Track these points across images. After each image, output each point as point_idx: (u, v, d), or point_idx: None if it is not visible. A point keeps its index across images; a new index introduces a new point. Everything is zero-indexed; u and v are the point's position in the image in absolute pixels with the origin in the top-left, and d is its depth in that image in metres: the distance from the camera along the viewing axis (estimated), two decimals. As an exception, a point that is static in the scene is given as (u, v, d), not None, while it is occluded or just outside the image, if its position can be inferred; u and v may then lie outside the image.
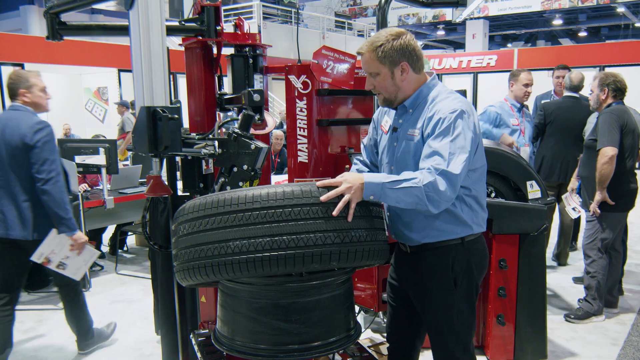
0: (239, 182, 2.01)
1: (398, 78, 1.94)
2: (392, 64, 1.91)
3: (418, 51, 1.95)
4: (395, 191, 1.77)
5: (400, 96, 1.99)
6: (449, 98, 1.93)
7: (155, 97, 2.17)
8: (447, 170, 1.78)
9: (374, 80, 1.97)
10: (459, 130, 1.83)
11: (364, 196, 1.75)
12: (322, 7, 20.55)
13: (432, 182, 1.76)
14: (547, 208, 3.14)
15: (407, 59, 1.92)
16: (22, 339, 3.81)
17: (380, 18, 3.74)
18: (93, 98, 12.57)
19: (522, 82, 4.31)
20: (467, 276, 2.03)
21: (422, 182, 1.76)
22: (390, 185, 1.77)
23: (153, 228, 2.67)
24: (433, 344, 2.13)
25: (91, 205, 4.87)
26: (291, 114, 2.60)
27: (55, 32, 2.50)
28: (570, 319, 3.83)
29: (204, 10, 2.48)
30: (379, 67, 1.93)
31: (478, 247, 2.06)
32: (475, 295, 2.08)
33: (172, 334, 2.63)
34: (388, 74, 1.94)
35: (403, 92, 1.97)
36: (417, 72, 1.97)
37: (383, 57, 1.90)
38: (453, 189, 1.80)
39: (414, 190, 1.76)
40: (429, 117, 1.90)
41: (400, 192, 1.77)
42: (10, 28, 15.93)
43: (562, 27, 21.97)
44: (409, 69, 1.94)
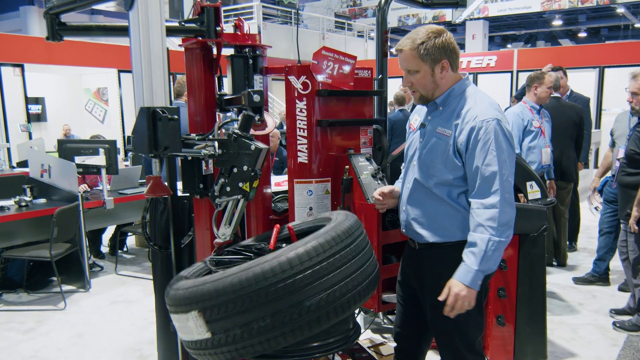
0: (239, 182, 2.01)
1: (438, 76, 1.95)
2: (433, 62, 1.92)
3: (457, 49, 1.97)
4: (489, 262, 1.86)
5: (437, 94, 2.00)
6: (484, 104, 1.93)
7: (155, 98, 2.17)
8: (498, 198, 1.83)
9: (413, 77, 1.97)
10: (499, 143, 1.85)
11: (477, 288, 1.88)
12: (322, 7, 20.55)
13: (499, 226, 1.83)
14: (547, 209, 3.14)
15: (448, 57, 1.93)
16: (22, 339, 3.81)
17: (380, 19, 3.73)
18: (93, 99, 12.56)
19: (548, 85, 4.32)
20: None
21: (496, 235, 1.83)
22: (483, 265, 1.85)
23: (153, 229, 2.67)
24: (440, 343, 2.13)
25: (91, 206, 4.88)
26: (291, 115, 2.60)
27: (55, 33, 2.50)
28: (617, 327, 3.70)
29: (203, 10, 2.47)
30: (420, 65, 1.93)
31: None
32: (484, 295, 2.09)
33: (172, 334, 2.63)
34: (428, 72, 1.94)
35: (440, 89, 1.99)
36: (454, 71, 1.98)
37: (425, 55, 1.91)
38: (511, 206, 1.87)
39: (498, 245, 1.84)
40: (462, 123, 1.91)
41: (493, 257, 1.86)
42: (10, 28, 15.93)
43: (561, 28, 21.99)
44: (449, 67, 1.94)
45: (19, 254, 4.43)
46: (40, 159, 5.01)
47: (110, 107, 12.14)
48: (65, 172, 4.68)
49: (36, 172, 4.95)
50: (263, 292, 1.57)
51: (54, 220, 4.21)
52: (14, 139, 9.51)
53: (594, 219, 4.98)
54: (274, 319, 1.59)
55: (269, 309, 1.58)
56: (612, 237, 4.45)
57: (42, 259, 4.37)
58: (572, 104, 5.10)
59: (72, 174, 4.64)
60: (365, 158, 2.67)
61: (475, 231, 1.86)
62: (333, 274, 1.64)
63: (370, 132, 2.82)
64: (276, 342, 1.61)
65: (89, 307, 4.41)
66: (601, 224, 4.50)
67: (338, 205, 2.66)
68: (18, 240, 4.57)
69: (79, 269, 4.77)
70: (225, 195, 2.05)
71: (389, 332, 3.59)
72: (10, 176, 5.81)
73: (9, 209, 4.48)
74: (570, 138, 4.88)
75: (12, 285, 4.77)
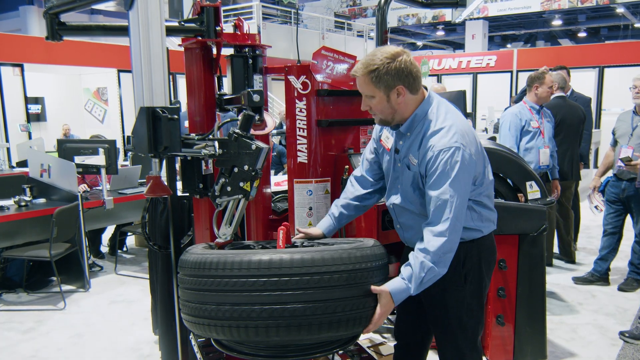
0: (240, 182, 2.01)
1: (394, 101, 1.88)
2: (387, 88, 1.86)
3: (415, 72, 1.87)
4: (420, 288, 1.85)
5: (397, 117, 1.94)
6: (443, 129, 1.86)
7: (155, 98, 2.17)
8: (447, 225, 1.82)
9: (370, 102, 1.93)
10: (454, 172, 1.82)
11: (396, 304, 1.85)
12: (322, 7, 20.54)
13: (437, 260, 1.83)
14: (546, 208, 3.14)
15: (403, 82, 1.86)
16: (22, 339, 3.81)
17: (380, 19, 3.73)
18: (92, 98, 12.56)
19: (548, 84, 4.32)
20: (477, 272, 2.05)
21: (433, 264, 1.83)
22: (416, 290, 1.85)
23: (152, 228, 2.67)
24: (441, 341, 2.13)
25: (91, 206, 4.88)
26: (291, 115, 2.60)
27: (55, 33, 2.50)
28: (625, 337, 3.59)
29: (203, 10, 2.47)
30: (374, 91, 1.88)
31: (487, 244, 2.08)
32: (485, 291, 2.10)
33: (171, 334, 2.63)
34: (384, 98, 1.88)
35: (400, 114, 1.93)
36: (414, 93, 1.91)
37: (378, 82, 1.85)
38: (457, 233, 1.86)
39: (433, 274, 1.84)
40: (423, 153, 1.88)
41: (425, 284, 1.85)
42: (10, 28, 15.92)
43: (561, 28, 21.97)
44: (405, 92, 1.88)
45: (18, 253, 4.42)
46: (40, 159, 5.00)
47: (110, 107, 12.14)
48: (65, 172, 4.68)
49: (36, 172, 4.95)
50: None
51: (54, 220, 4.20)
52: (14, 138, 9.50)
53: (594, 218, 4.99)
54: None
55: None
56: (616, 237, 4.46)
57: (42, 259, 4.37)
58: (576, 103, 5.12)
59: (71, 174, 4.64)
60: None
61: (418, 254, 1.85)
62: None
63: (370, 132, 2.82)
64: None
65: (88, 307, 4.41)
66: (605, 225, 4.50)
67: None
68: (18, 240, 4.57)
69: (79, 269, 4.77)
70: (225, 195, 2.05)
71: (388, 332, 3.59)
72: (10, 176, 5.80)
73: (8, 209, 4.48)
74: (578, 136, 4.91)
75: (11, 285, 4.76)
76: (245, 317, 1.65)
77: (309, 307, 1.64)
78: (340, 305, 1.68)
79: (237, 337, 1.71)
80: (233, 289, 1.66)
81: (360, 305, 1.74)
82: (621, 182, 4.30)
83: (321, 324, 1.66)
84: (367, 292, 1.76)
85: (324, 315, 1.66)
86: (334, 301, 1.67)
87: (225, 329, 1.70)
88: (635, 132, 4.24)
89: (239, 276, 1.65)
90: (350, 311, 1.71)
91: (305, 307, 1.64)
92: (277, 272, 1.64)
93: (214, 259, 1.72)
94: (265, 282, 1.63)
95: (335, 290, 1.67)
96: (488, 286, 2.11)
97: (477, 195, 1.98)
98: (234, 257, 1.69)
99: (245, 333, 1.67)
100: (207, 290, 1.72)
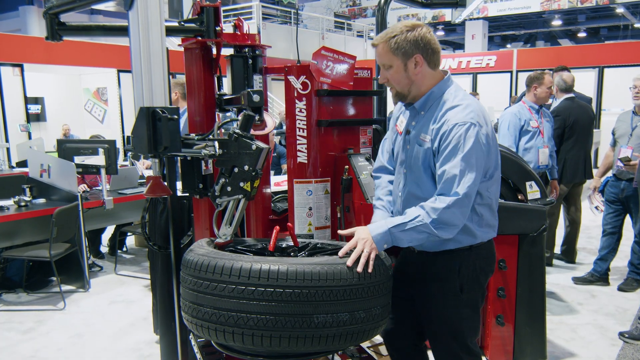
0: (240, 182, 2.01)
1: (411, 71, 1.89)
2: (404, 56, 1.86)
3: (434, 45, 1.89)
4: (404, 233, 1.80)
5: (413, 91, 1.94)
6: (460, 106, 1.86)
7: (155, 98, 2.17)
8: (454, 198, 1.77)
9: (387, 73, 1.92)
10: (467, 147, 1.78)
11: (379, 248, 1.80)
12: (322, 7, 20.55)
13: (438, 218, 1.78)
14: (546, 208, 3.14)
15: (421, 52, 1.86)
16: (22, 339, 3.81)
17: (380, 19, 3.74)
18: (92, 98, 12.56)
19: (547, 85, 4.31)
20: (474, 281, 2.01)
21: (429, 219, 1.78)
22: (397, 229, 1.80)
23: (152, 228, 2.67)
24: (436, 346, 2.11)
25: (90, 206, 4.87)
26: (290, 115, 2.60)
27: (55, 33, 2.50)
28: (625, 338, 3.57)
29: (203, 10, 2.47)
30: (392, 59, 1.88)
31: (485, 253, 2.03)
32: (482, 299, 2.07)
33: (171, 334, 2.63)
34: (401, 66, 1.88)
35: (417, 86, 1.92)
36: (432, 68, 1.91)
37: (396, 49, 1.86)
38: (462, 211, 1.81)
39: (421, 227, 1.79)
40: (437, 128, 1.86)
41: (410, 233, 1.80)
42: (10, 28, 15.92)
43: (561, 28, 21.99)
44: (423, 63, 1.88)
45: (18, 253, 4.42)
46: (40, 159, 5.00)
47: (110, 107, 12.14)
48: (65, 172, 4.68)
49: (36, 172, 4.95)
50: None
51: (54, 220, 4.20)
52: (14, 138, 9.51)
53: (594, 218, 4.99)
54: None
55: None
56: (615, 237, 4.46)
57: (42, 259, 4.37)
58: (585, 103, 5.12)
59: (71, 174, 4.64)
60: (365, 158, 2.66)
61: (417, 208, 1.83)
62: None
63: (370, 132, 2.82)
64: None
65: (88, 307, 4.41)
66: (604, 225, 4.50)
67: (338, 206, 2.66)
68: (17, 240, 4.57)
69: (79, 269, 4.77)
70: (226, 195, 2.05)
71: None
72: (10, 176, 5.80)
73: (8, 209, 4.48)
74: (590, 137, 4.90)
75: (11, 285, 4.76)
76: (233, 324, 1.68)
77: (290, 320, 1.66)
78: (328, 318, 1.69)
79: (224, 342, 1.75)
80: (222, 294, 1.70)
81: (349, 321, 1.72)
82: (620, 182, 4.30)
83: (306, 337, 1.68)
84: (354, 308, 1.74)
85: (308, 330, 1.67)
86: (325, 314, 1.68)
87: (217, 332, 1.73)
88: (634, 132, 4.25)
89: (227, 282, 1.69)
90: (339, 327, 1.71)
91: (286, 320, 1.65)
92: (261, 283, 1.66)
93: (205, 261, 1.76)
94: (254, 292, 1.65)
95: (321, 305, 1.68)
96: (485, 294, 2.08)
97: (485, 190, 1.92)
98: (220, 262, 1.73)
99: (232, 339, 1.71)
100: (198, 292, 1.76)
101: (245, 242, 2.27)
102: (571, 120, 4.72)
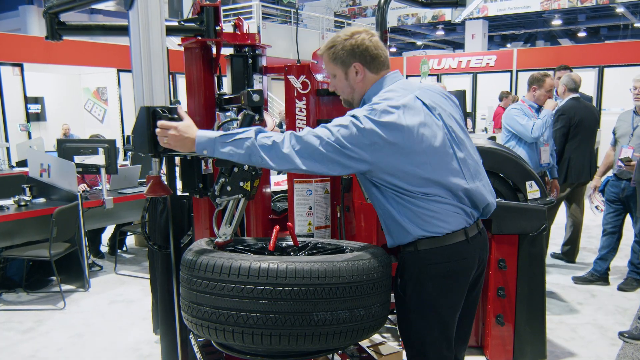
0: (240, 181, 2.01)
1: (352, 79, 1.87)
2: (344, 65, 1.86)
3: (373, 51, 1.83)
4: (227, 145, 1.73)
5: (356, 97, 1.92)
6: (377, 97, 1.79)
7: (155, 97, 2.17)
8: (302, 135, 1.72)
9: (333, 81, 1.93)
10: (342, 121, 1.71)
11: (197, 150, 1.76)
12: (322, 7, 20.53)
13: (262, 142, 1.70)
14: (546, 208, 3.14)
15: (359, 59, 1.83)
16: (22, 339, 3.81)
17: (380, 18, 3.73)
18: (92, 98, 12.56)
19: (547, 88, 4.30)
20: (419, 287, 1.84)
21: (256, 140, 1.70)
22: (223, 139, 1.73)
23: (152, 228, 2.67)
24: None
25: (90, 206, 4.88)
26: (290, 114, 2.60)
27: (55, 32, 2.49)
28: (625, 337, 3.55)
29: (203, 10, 2.47)
30: (334, 69, 1.89)
31: (437, 259, 1.81)
32: (434, 313, 1.83)
33: (171, 334, 2.63)
34: (342, 75, 1.88)
35: (359, 93, 1.90)
36: (374, 73, 1.86)
37: (334, 59, 1.86)
38: (301, 150, 1.72)
39: (245, 141, 1.71)
40: None
41: (232, 145, 1.72)
42: (10, 28, 15.91)
43: (561, 28, 21.98)
44: (364, 70, 1.85)
45: (18, 253, 4.42)
46: (40, 159, 5.00)
47: (110, 107, 12.14)
48: (65, 171, 4.68)
49: (35, 172, 4.95)
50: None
51: (54, 219, 4.20)
52: (14, 138, 9.51)
53: (594, 218, 4.99)
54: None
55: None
56: (615, 237, 4.46)
57: (42, 259, 4.37)
58: (590, 103, 5.12)
59: (71, 174, 4.64)
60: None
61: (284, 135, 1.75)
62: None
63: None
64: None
65: (88, 306, 4.41)
66: (604, 224, 4.51)
67: (338, 205, 2.66)
68: (17, 240, 4.57)
69: (79, 269, 4.77)
70: (225, 195, 2.04)
71: (388, 332, 3.60)
72: (10, 176, 5.80)
73: (8, 209, 4.48)
74: (594, 136, 4.91)
75: (11, 284, 4.77)
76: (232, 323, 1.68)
77: (289, 318, 1.66)
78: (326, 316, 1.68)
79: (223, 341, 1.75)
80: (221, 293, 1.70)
81: (348, 319, 1.71)
82: (621, 182, 4.30)
83: (306, 335, 1.68)
84: (353, 305, 1.72)
85: (308, 328, 1.67)
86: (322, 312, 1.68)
87: (217, 332, 1.74)
88: (635, 132, 4.25)
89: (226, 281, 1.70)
90: (339, 324, 1.70)
91: (286, 318, 1.65)
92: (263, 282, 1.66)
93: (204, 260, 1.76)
94: (253, 290, 1.65)
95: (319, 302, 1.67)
96: (448, 309, 1.85)
97: (414, 184, 1.76)
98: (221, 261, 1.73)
99: (232, 337, 1.71)
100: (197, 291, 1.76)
101: (245, 242, 2.27)
102: (576, 119, 4.70)
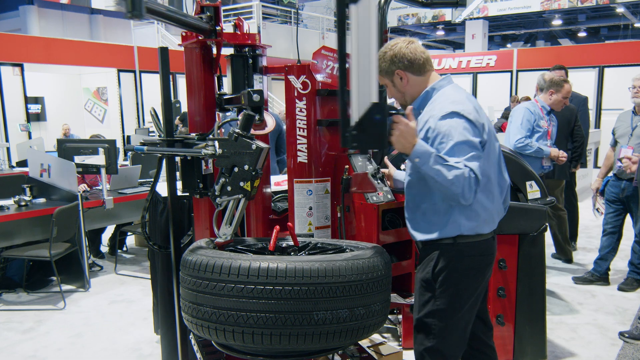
0: (240, 181, 2.01)
1: (399, 85, 2.09)
2: (388, 75, 2.08)
3: (410, 56, 2.04)
4: (438, 164, 1.84)
5: (408, 99, 2.12)
6: (446, 100, 1.97)
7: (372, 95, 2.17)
8: (474, 171, 1.84)
9: (387, 91, 2.15)
10: (452, 131, 1.88)
11: (413, 154, 1.86)
12: (322, 7, 20.52)
13: (471, 175, 1.83)
14: (546, 208, 3.14)
15: (401, 67, 2.05)
16: (22, 339, 3.81)
17: (380, 18, 3.73)
18: (92, 98, 12.56)
19: (564, 95, 4.29)
20: (450, 277, 2.01)
21: (466, 172, 1.82)
22: (437, 159, 1.84)
23: (152, 228, 2.67)
24: None
25: (90, 206, 4.88)
26: (291, 114, 2.60)
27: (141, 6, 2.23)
28: (625, 337, 3.56)
29: (203, 10, 2.47)
30: (383, 80, 2.11)
31: (472, 252, 2.02)
32: (459, 301, 2.03)
33: (172, 334, 2.63)
34: (390, 84, 2.11)
35: (410, 95, 2.11)
36: (417, 74, 2.07)
37: (380, 71, 2.06)
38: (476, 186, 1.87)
39: (456, 170, 1.82)
40: (424, 120, 1.99)
41: (444, 167, 1.83)
42: (10, 28, 15.91)
43: (561, 28, 21.97)
44: (407, 74, 2.06)
45: (18, 253, 4.42)
46: (40, 159, 5.00)
47: (110, 107, 12.14)
48: (65, 171, 4.68)
49: (36, 172, 4.95)
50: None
51: (54, 219, 4.20)
52: (14, 138, 9.51)
53: (594, 218, 4.98)
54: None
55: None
56: (616, 237, 4.46)
57: (42, 259, 4.37)
58: (567, 105, 5.12)
59: (71, 174, 4.64)
60: (365, 158, 2.66)
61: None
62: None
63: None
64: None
65: (88, 306, 4.41)
66: (604, 224, 4.50)
67: (338, 205, 2.66)
68: (17, 240, 4.57)
69: (79, 269, 4.77)
70: (226, 195, 2.05)
71: (388, 332, 3.59)
72: (10, 176, 5.80)
73: (8, 209, 4.48)
74: (565, 137, 4.92)
75: (11, 284, 4.76)
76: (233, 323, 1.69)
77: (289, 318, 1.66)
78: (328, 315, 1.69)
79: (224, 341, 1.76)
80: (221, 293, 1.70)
81: (348, 318, 1.72)
82: (621, 182, 4.30)
83: (306, 334, 1.68)
84: (353, 304, 1.75)
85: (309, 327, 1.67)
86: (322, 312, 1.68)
87: (217, 331, 1.74)
88: (635, 132, 4.25)
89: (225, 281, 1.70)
90: (339, 323, 1.71)
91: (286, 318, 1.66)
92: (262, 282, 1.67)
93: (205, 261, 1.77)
94: (253, 290, 1.66)
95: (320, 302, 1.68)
96: (469, 298, 2.05)
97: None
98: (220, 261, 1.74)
99: (232, 337, 1.71)
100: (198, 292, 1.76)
101: (245, 242, 2.27)
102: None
